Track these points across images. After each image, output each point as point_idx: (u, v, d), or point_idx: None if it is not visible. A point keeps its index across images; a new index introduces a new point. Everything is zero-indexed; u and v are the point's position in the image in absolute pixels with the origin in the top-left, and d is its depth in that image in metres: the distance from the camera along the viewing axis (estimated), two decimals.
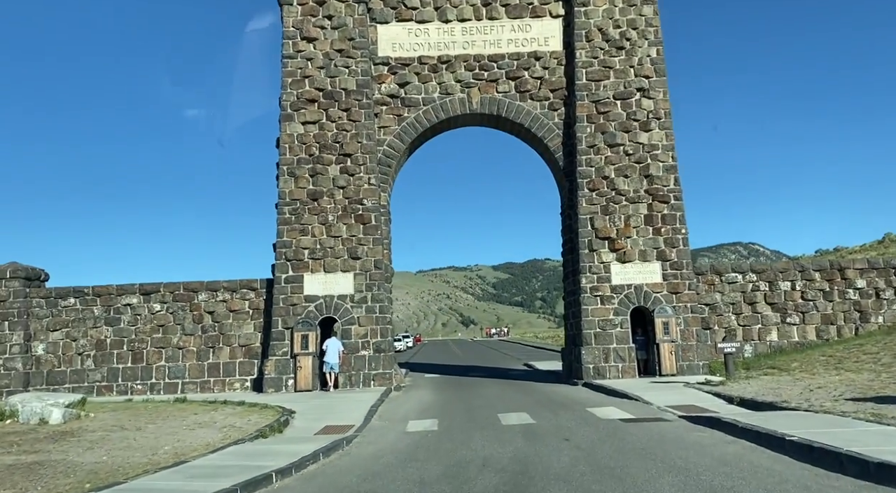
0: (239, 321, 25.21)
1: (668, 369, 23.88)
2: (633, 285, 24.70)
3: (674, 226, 25.03)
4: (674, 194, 25.23)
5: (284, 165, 25.25)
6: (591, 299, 24.66)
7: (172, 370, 24.78)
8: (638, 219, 25.05)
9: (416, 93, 26.50)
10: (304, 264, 24.66)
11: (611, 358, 24.10)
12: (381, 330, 24.40)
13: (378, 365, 24.06)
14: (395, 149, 26.38)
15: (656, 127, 25.64)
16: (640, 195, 25.21)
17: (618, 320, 24.48)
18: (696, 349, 24.03)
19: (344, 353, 23.95)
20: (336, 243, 24.83)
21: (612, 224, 25.05)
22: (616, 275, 24.87)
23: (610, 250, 24.97)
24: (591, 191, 25.37)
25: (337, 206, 25.06)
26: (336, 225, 24.89)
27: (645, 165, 25.37)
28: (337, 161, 25.35)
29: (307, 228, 24.85)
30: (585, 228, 25.18)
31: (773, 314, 25.45)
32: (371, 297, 24.54)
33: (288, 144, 25.38)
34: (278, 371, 23.79)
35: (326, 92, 25.70)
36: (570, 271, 26.81)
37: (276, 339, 24.16)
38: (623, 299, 24.64)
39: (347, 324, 24.37)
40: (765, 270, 25.85)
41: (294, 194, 25.06)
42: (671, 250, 24.86)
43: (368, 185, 25.29)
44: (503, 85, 26.54)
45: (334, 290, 24.56)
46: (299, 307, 24.36)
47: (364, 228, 25.01)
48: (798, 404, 14.04)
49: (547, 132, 26.46)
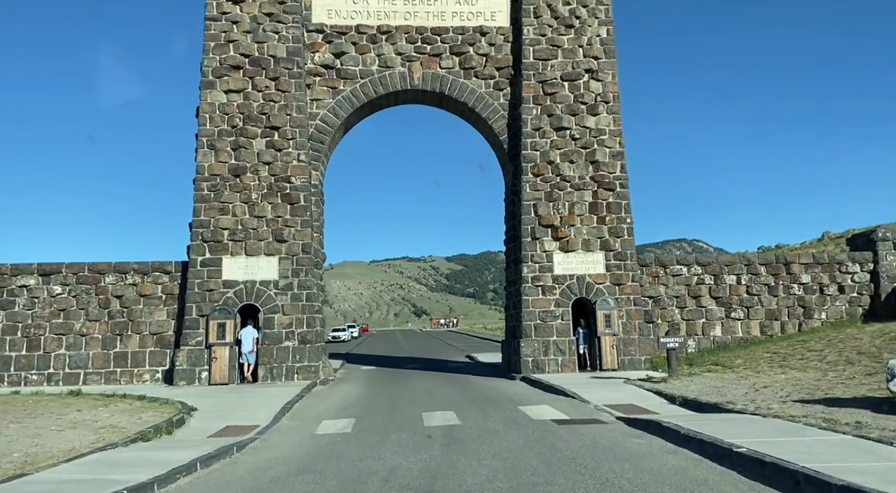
0: (150, 307, 23.02)
1: (609, 364, 22.79)
2: (575, 275, 23.50)
3: (619, 215, 23.91)
4: (620, 182, 24.10)
5: (204, 137, 23.10)
6: (532, 290, 23.37)
7: (73, 359, 22.44)
8: (582, 207, 23.84)
9: (352, 64, 24.63)
10: (223, 246, 22.61)
11: (551, 351, 22.87)
12: (308, 319, 22.58)
13: (303, 357, 22.25)
14: (329, 124, 24.50)
15: (604, 111, 24.43)
16: (585, 182, 23.99)
17: (559, 311, 23.25)
18: (639, 344, 23.01)
19: (260, 342, 22.09)
20: (260, 225, 22.85)
21: (555, 211, 23.77)
22: (558, 265, 23.63)
23: (553, 239, 23.70)
24: (536, 176, 24.02)
25: (262, 183, 23.07)
26: (260, 204, 22.90)
27: (591, 150, 24.16)
28: (263, 135, 23.32)
29: (227, 207, 22.79)
30: (528, 215, 23.84)
31: (717, 309, 24.64)
32: (297, 283, 22.68)
33: (208, 114, 23.22)
34: (191, 362, 21.75)
35: (253, 58, 23.60)
36: (511, 259, 25.48)
37: (189, 327, 22.10)
38: (565, 289, 23.43)
39: (270, 312, 22.48)
40: (710, 263, 25.00)
41: (214, 169, 22.95)
42: (615, 240, 23.74)
43: (297, 161, 23.36)
44: (447, 60, 24.91)
45: (256, 275, 22.60)
46: (216, 293, 22.33)
47: (291, 208, 23.10)
48: (744, 407, 12.93)
49: (492, 113, 24.97)
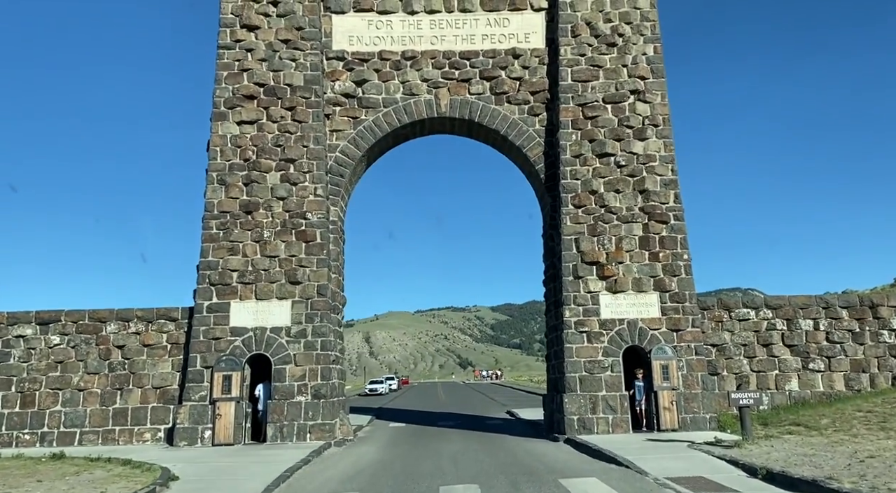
0: (154, 358, 20.96)
1: (668, 423, 19.66)
2: (625, 319, 20.63)
3: (674, 250, 21.09)
4: (674, 213, 21.36)
5: (214, 172, 21.35)
6: (575, 336, 20.56)
7: (69, 417, 20.40)
8: (632, 241, 21.12)
9: (375, 92, 22.79)
10: (231, 289, 20.56)
11: (599, 408, 19.89)
12: (323, 371, 20.17)
13: (317, 414, 19.76)
14: (350, 156, 22.56)
15: (653, 135, 21.91)
16: (634, 214, 21.33)
17: (608, 362, 20.34)
18: (702, 399, 19.85)
19: (270, 396, 19.79)
20: (272, 265, 20.78)
21: (601, 247, 21.10)
22: (606, 307, 20.82)
23: (598, 278, 20.97)
24: (577, 208, 21.48)
25: (275, 220, 21.08)
26: (272, 243, 20.87)
27: (640, 178, 21.55)
28: (277, 168, 21.46)
29: (237, 247, 20.82)
30: (570, 252, 21.22)
31: (792, 359, 21.32)
32: (312, 330, 20.37)
33: (219, 148, 21.52)
34: (193, 420, 19.47)
35: (268, 88, 21.95)
36: (551, 302, 22.76)
37: (192, 380, 19.91)
38: (614, 336, 20.54)
39: (281, 363, 20.16)
40: (782, 305, 21.78)
41: (223, 206, 21.09)
42: (671, 278, 20.87)
43: (314, 196, 21.36)
44: (476, 85, 22.87)
45: (267, 321, 20.40)
46: (223, 342, 20.16)
47: (307, 246, 20.99)
48: (856, 485, 9.90)
49: (526, 140, 22.69)
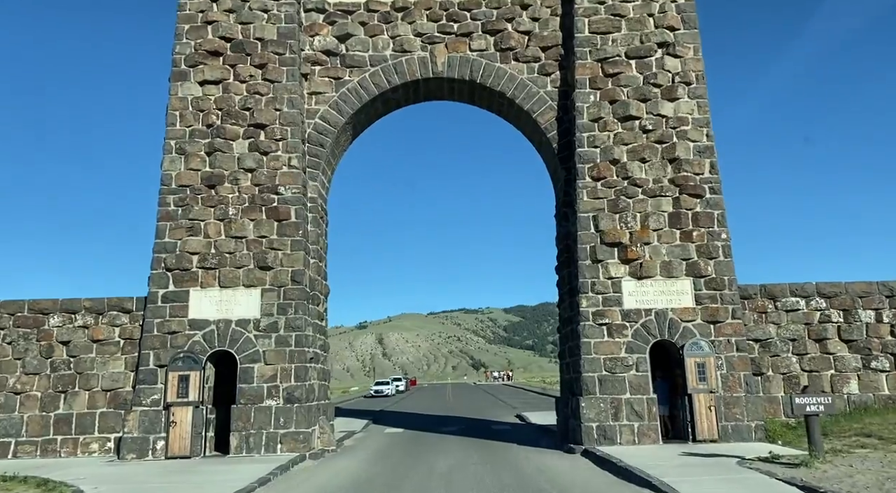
0: (104, 356, 18.03)
1: (705, 433, 16.57)
2: (653, 310, 17.54)
3: (710, 229, 17.96)
4: (709, 185, 18.22)
5: (172, 140, 18.37)
6: (593, 330, 17.49)
7: (3, 425, 17.49)
8: (660, 219, 18.00)
9: (360, 49, 19.74)
10: (191, 275, 17.60)
11: (622, 414, 16.82)
12: (298, 370, 17.19)
13: (289, 421, 16.79)
14: (331, 123, 19.53)
15: (685, 95, 18.75)
16: (662, 186, 18.20)
17: (632, 359, 17.26)
18: (746, 404, 16.75)
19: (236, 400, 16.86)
20: (238, 247, 17.80)
21: (623, 225, 17.99)
22: (629, 296, 17.73)
23: (621, 262, 17.87)
24: (596, 180, 18.38)
25: (242, 195, 18.10)
26: (239, 221, 17.89)
27: (669, 145, 18.42)
28: (245, 135, 18.47)
29: (198, 226, 17.85)
30: (587, 231, 18.12)
31: (850, 356, 18.13)
32: (284, 323, 17.40)
33: (178, 112, 18.53)
34: (143, 429, 16.55)
35: (236, 42, 18.93)
36: (565, 291, 19.68)
37: (144, 381, 16.99)
38: (639, 329, 17.46)
39: (248, 361, 17.19)
40: (837, 293, 18.58)
41: (182, 179, 18.12)
42: (706, 262, 17.74)
43: (288, 168, 18.35)
44: (478, 41, 19.77)
45: (233, 312, 17.44)
46: (181, 337, 17.22)
47: (279, 226, 18.00)
48: None
49: (536, 104, 19.59)
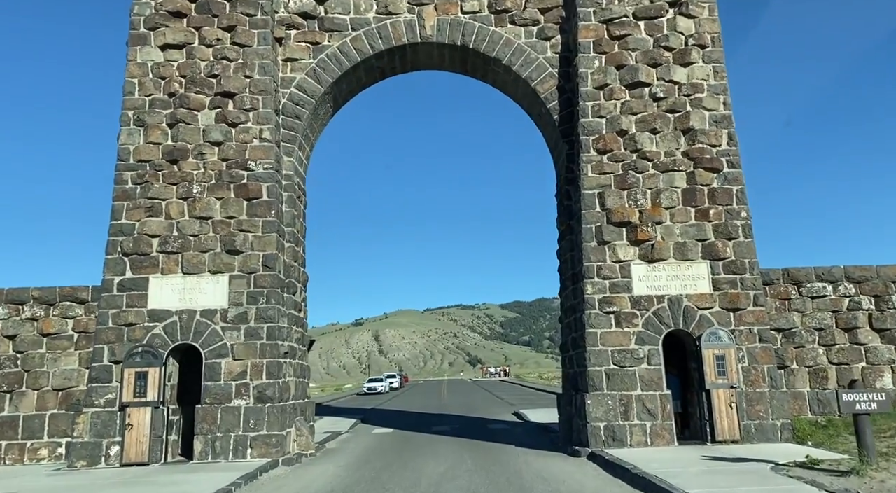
0: (56, 352, 16.20)
1: (725, 432, 14.84)
2: (666, 296, 15.78)
3: (728, 206, 16.20)
4: (727, 158, 16.45)
5: (130, 110, 16.47)
6: (600, 319, 15.72)
7: None
8: (673, 195, 16.23)
9: (341, 11, 17.88)
10: (150, 260, 15.73)
11: (633, 412, 15.07)
12: (270, 366, 15.37)
13: (260, 423, 14.96)
14: (309, 93, 17.67)
15: (699, 59, 16.95)
16: (675, 160, 16.43)
17: (643, 351, 15.50)
18: (770, 400, 15.02)
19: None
20: (203, 229, 15.95)
21: (632, 203, 16.22)
22: (640, 281, 15.97)
23: (630, 243, 16.10)
24: (601, 153, 16.59)
25: (208, 171, 16.23)
26: (204, 200, 16.03)
27: (683, 114, 16.64)
28: (212, 105, 16.59)
29: (159, 206, 15.99)
30: (592, 210, 16.34)
31: (884, 347, 16.40)
32: (255, 313, 15.56)
33: (137, 79, 16.64)
34: (95, 432, 14.70)
35: (201, 3, 17.03)
36: (568, 277, 17.90)
37: (97, 379, 15.13)
38: (651, 318, 15.70)
39: (214, 356, 15.34)
40: (868, 277, 16.82)
41: (142, 153, 16.24)
42: (725, 243, 15.99)
43: (260, 141, 16.49)
44: (471, 2, 17.93)
45: (197, 301, 15.59)
46: (139, 329, 15.37)
47: (249, 205, 16.15)
48: None
49: (535, 71, 17.78)
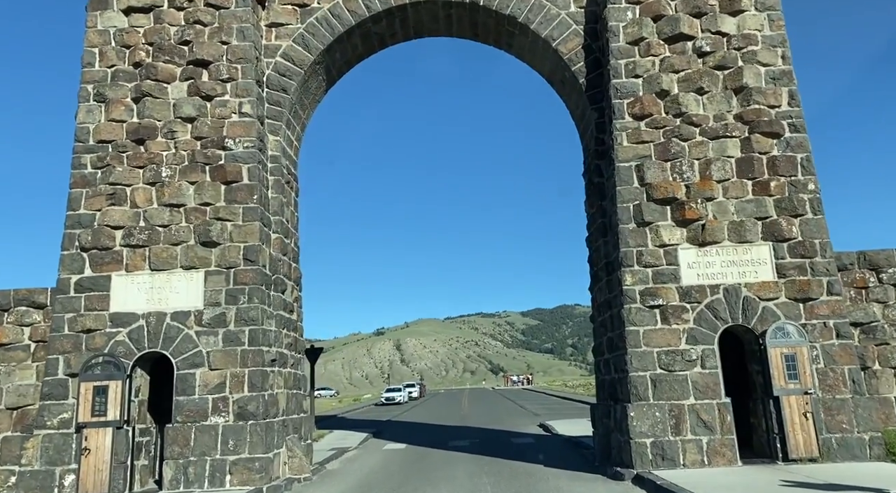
0: (10, 365, 14.03)
1: (801, 449, 12.21)
2: (721, 285, 13.20)
3: (792, 177, 13.58)
4: (789, 121, 13.84)
5: (89, 84, 14.32)
6: (642, 314, 13.18)
7: None
8: (726, 166, 13.65)
9: None
10: (113, 256, 13.53)
11: (686, 426, 12.50)
12: (253, 377, 13.06)
13: (241, 444, 12.64)
14: (297, 62, 15.42)
15: (751, 6, 14.37)
16: (727, 124, 13.85)
17: (696, 351, 12.94)
18: (854, 409, 12.36)
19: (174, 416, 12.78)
20: (174, 218, 13.71)
21: (677, 176, 13.67)
22: (689, 269, 13.41)
23: (676, 224, 13.55)
24: (638, 119, 14.08)
25: (180, 152, 14.01)
26: (175, 185, 13.79)
27: (734, 71, 14.06)
28: (183, 76, 14.37)
29: (122, 193, 13.78)
30: (628, 186, 13.82)
31: None
32: (235, 315, 13.27)
33: (98, 48, 14.49)
34: (47, 459, 12.49)
35: None
36: (601, 267, 15.37)
37: (50, 396, 12.93)
38: (704, 312, 13.13)
39: (188, 366, 13.07)
40: None
41: (103, 133, 14.06)
42: (790, 221, 13.37)
43: (239, 116, 14.24)
44: None
45: (168, 303, 13.34)
46: (99, 336, 13.15)
47: (228, 190, 13.89)
48: None
49: (557, 29, 15.34)
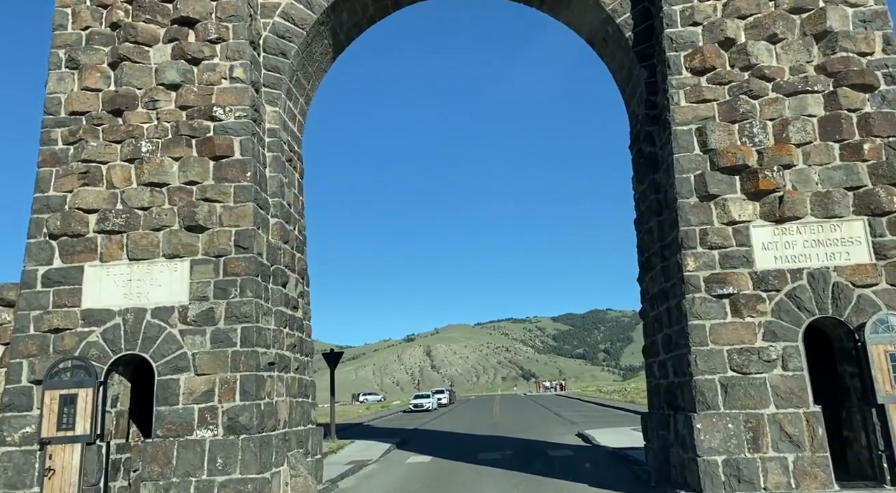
0: None
1: None
2: (804, 270, 10.88)
3: (891, 138, 11.19)
4: (885, 72, 11.44)
5: (60, 49, 12.54)
6: (708, 306, 10.91)
7: None
8: (807, 127, 11.31)
9: None
10: (86, 244, 11.71)
11: (766, 440, 10.21)
12: (246, 383, 11.11)
13: (231, 462, 10.70)
14: (297, 22, 13.48)
15: None
16: (807, 77, 11.52)
17: (776, 349, 10.63)
18: None
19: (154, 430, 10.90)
20: (156, 200, 11.85)
21: (748, 140, 11.38)
22: (765, 250, 11.11)
23: (747, 197, 11.26)
24: (699, 73, 11.82)
25: (163, 124, 12.15)
26: (157, 161, 11.92)
27: (814, 14, 11.72)
28: (167, 37, 12.52)
29: (97, 171, 11.96)
30: (688, 153, 11.57)
31: None
32: (226, 311, 11.34)
33: (70, 8, 12.69)
34: (6, 481, 10.68)
35: None
36: (654, 252, 13.11)
37: (11, 407, 11.11)
38: (784, 302, 10.82)
39: (171, 371, 11.17)
40: None
41: (75, 103, 12.26)
42: (889, 191, 10.97)
43: (230, 81, 12.34)
44: None
45: (148, 297, 11.48)
46: (69, 336, 11.33)
47: (217, 166, 11.98)
48: None
49: None
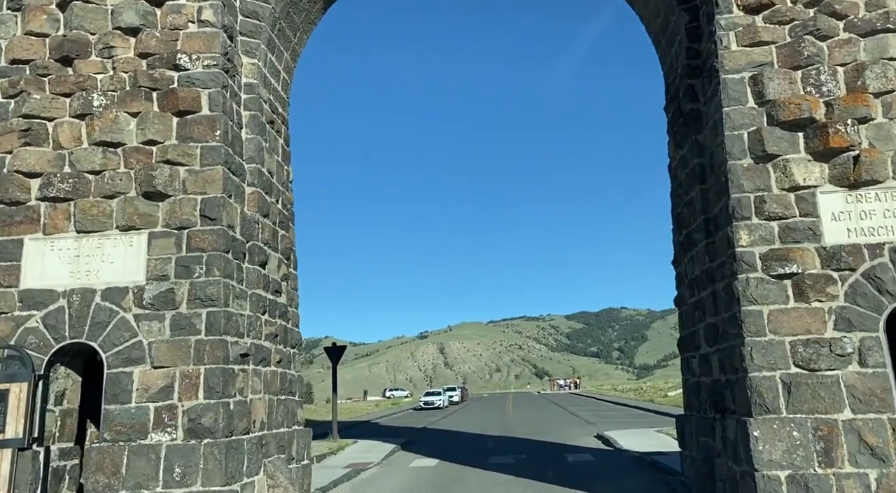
0: None
1: None
2: (886, 244, 8.94)
3: None
4: None
5: None
6: (766, 288, 9.01)
7: None
8: (887, 74, 9.33)
9: None
10: (26, 213, 9.99)
11: (841, 451, 8.32)
12: (210, 377, 9.35)
13: (193, 471, 8.96)
14: None
15: None
16: (887, 14, 9.53)
17: (851, 341, 8.72)
18: None
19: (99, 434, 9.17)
20: (109, 162, 10.10)
21: (813, 89, 9.44)
22: (835, 222, 9.18)
23: (814, 157, 9.31)
24: (753, 12, 9.88)
25: (119, 74, 10.39)
26: (111, 117, 10.16)
27: None
28: None
29: (41, 129, 10.23)
30: (740, 106, 9.63)
31: None
32: (188, 293, 9.58)
33: None
34: None
35: None
36: (696, 226, 11.19)
37: None
38: (861, 284, 8.89)
39: (123, 362, 9.44)
40: None
41: (17, 50, 10.52)
42: None
43: (198, 24, 10.56)
44: None
45: (99, 275, 9.75)
46: (4, 322, 9.60)
47: (181, 123, 10.20)
48: None
49: None
